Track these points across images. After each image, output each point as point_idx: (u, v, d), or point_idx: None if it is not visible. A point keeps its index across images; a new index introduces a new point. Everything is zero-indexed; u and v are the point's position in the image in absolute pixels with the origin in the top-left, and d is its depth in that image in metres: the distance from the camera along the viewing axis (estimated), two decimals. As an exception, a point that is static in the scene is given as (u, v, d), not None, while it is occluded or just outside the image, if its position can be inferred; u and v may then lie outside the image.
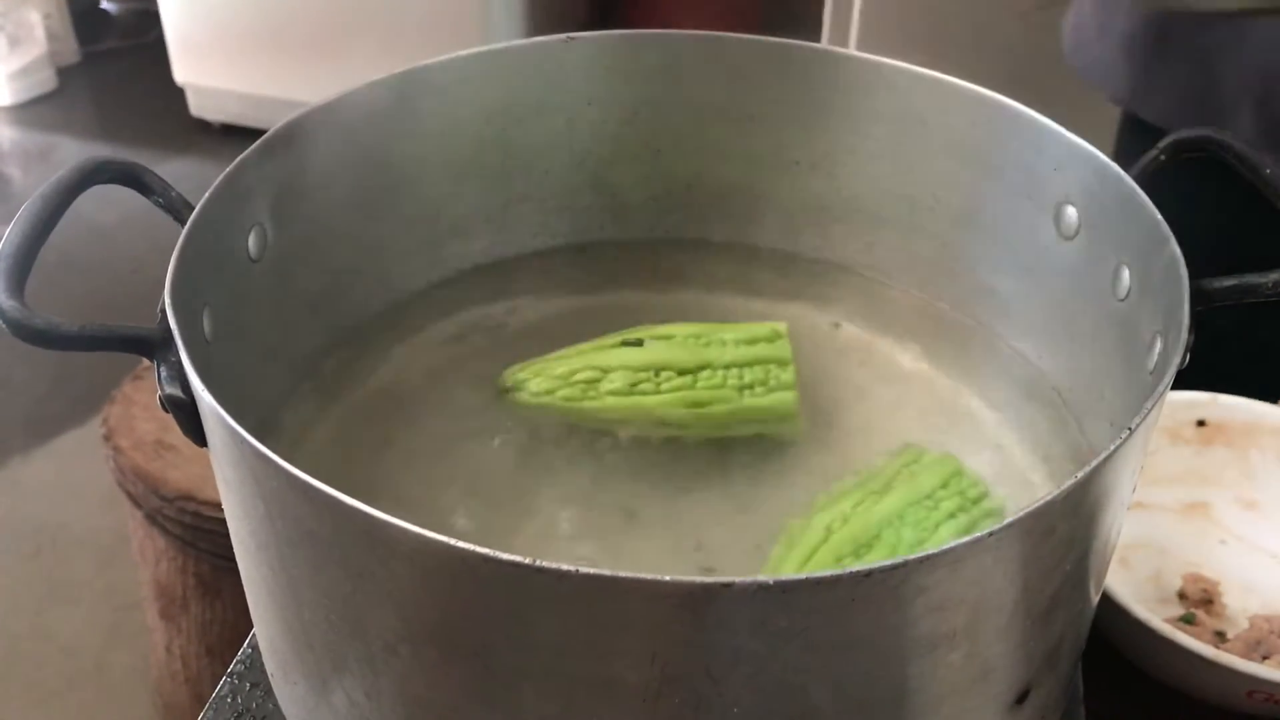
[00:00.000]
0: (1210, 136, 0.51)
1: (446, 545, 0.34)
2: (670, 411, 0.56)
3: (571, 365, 0.57)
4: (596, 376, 0.57)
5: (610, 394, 0.56)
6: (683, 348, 0.57)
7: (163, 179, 0.51)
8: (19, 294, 0.42)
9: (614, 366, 0.57)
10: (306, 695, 0.46)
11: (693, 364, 0.57)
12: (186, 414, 0.43)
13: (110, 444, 1.20)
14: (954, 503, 0.52)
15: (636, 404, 0.56)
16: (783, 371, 0.57)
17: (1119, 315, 0.53)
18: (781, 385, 0.57)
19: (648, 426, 0.57)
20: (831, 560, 0.50)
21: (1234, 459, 0.72)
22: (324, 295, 0.61)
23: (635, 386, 0.56)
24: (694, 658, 0.36)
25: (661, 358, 0.57)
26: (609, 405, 0.56)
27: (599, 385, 0.57)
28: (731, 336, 0.58)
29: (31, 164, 2.59)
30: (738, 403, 0.56)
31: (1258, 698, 0.58)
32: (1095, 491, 0.39)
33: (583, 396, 0.57)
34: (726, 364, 0.57)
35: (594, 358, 0.57)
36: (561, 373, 0.57)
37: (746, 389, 0.57)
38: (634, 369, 0.57)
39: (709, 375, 0.57)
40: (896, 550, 0.50)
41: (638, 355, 0.57)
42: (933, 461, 0.55)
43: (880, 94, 0.62)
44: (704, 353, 0.57)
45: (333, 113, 0.57)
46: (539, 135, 0.65)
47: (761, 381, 0.57)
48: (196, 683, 1.30)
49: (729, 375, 0.57)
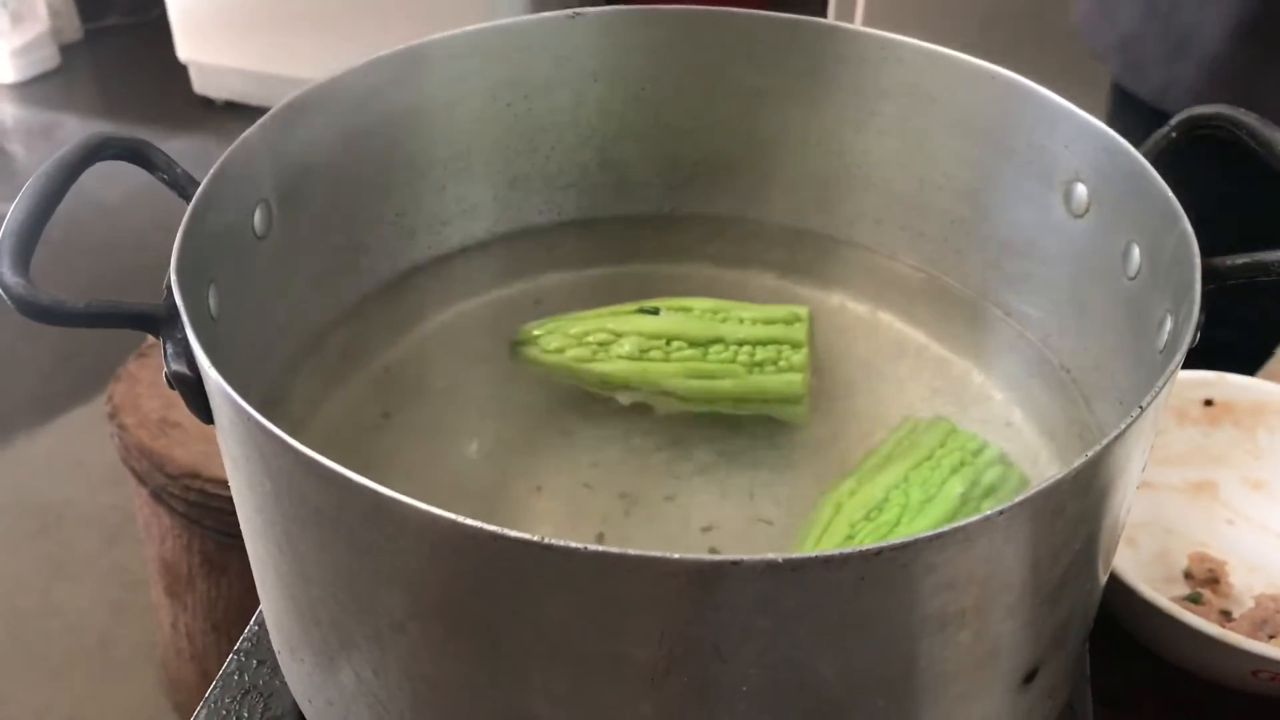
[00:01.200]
0: (1223, 113, 0.51)
1: (454, 522, 0.34)
2: (676, 381, 0.56)
3: (586, 326, 0.58)
4: (609, 339, 0.57)
5: (620, 357, 0.57)
6: (698, 320, 0.57)
7: (167, 155, 0.51)
8: (24, 271, 0.42)
9: (627, 332, 0.57)
10: (314, 672, 0.46)
11: (705, 337, 0.57)
12: (192, 391, 0.43)
13: (115, 421, 1.20)
14: (955, 458, 0.53)
15: (644, 370, 0.57)
16: (795, 353, 0.57)
17: (1129, 293, 0.53)
18: (791, 367, 0.57)
19: (653, 394, 0.57)
20: (845, 528, 0.50)
21: (1241, 438, 0.72)
22: (329, 272, 0.60)
23: (645, 353, 0.57)
24: (702, 636, 0.36)
25: (675, 328, 0.57)
26: (617, 368, 0.57)
27: (610, 348, 0.57)
28: (750, 315, 0.58)
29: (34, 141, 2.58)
30: (744, 379, 0.56)
31: (1263, 676, 0.58)
32: (1105, 471, 0.39)
33: (592, 358, 0.57)
34: (739, 340, 0.57)
35: (609, 322, 0.58)
36: (575, 333, 0.58)
37: (756, 367, 0.57)
38: (646, 336, 0.57)
39: (720, 350, 0.57)
40: (906, 510, 0.50)
41: (652, 323, 0.57)
42: (927, 426, 0.55)
43: (889, 70, 0.61)
44: (718, 327, 0.57)
45: (337, 89, 0.57)
46: (545, 111, 0.65)
47: (772, 361, 0.57)
48: (202, 659, 1.30)
49: (740, 352, 0.57)
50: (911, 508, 0.50)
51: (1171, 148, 0.53)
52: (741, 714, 0.38)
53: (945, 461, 0.52)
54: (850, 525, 0.50)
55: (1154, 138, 0.53)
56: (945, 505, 0.50)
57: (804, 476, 0.56)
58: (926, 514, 0.50)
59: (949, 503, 0.50)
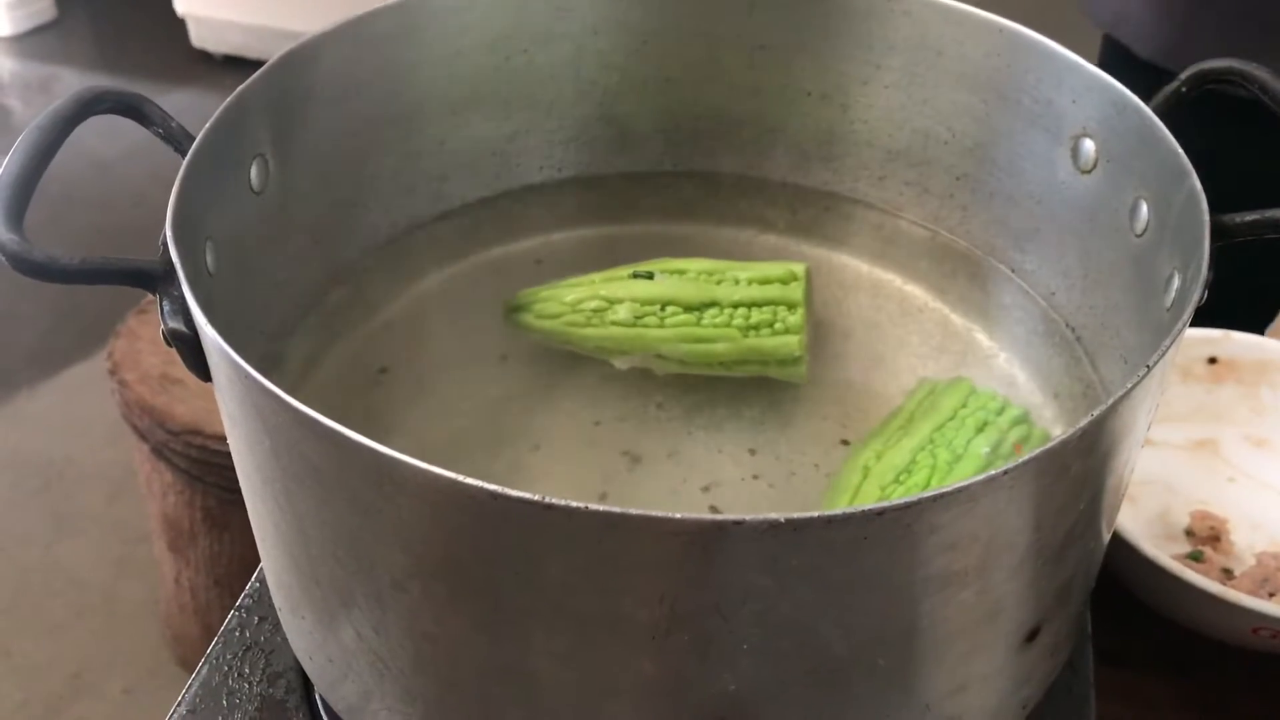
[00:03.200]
0: (1234, 67, 0.50)
1: (454, 481, 0.34)
2: (671, 346, 0.56)
3: (580, 293, 0.57)
4: (603, 306, 0.57)
5: (614, 323, 0.56)
6: (693, 284, 0.57)
7: (163, 110, 0.50)
8: (18, 227, 0.42)
9: (621, 298, 0.57)
10: (314, 630, 0.45)
11: (699, 300, 0.56)
12: (190, 348, 0.42)
13: (116, 378, 1.19)
14: (978, 418, 0.52)
15: (639, 335, 0.56)
16: (790, 314, 0.56)
17: (1136, 250, 0.52)
18: (788, 329, 0.56)
19: (649, 359, 0.57)
20: (876, 492, 0.50)
21: (1244, 396, 0.72)
22: (327, 228, 0.60)
23: (640, 319, 0.56)
24: (704, 596, 0.36)
25: (669, 292, 0.56)
26: (611, 334, 0.56)
27: (604, 315, 0.57)
28: (746, 275, 0.57)
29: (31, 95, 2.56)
30: (740, 342, 0.56)
31: (1264, 634, 0.58)
32: (1110, 430, 0.39)
33: (586, 324, 0.57)
34: (734, 303, 0.56)
35: (603, 288, 0.57)
36: (570, 299, 0.57)
37: (751, 329, 0.56)
38: (641, 301, 0.56)
39: (715, 313, 0.56)
40: (934, 470, 0.50)
41: (646, 288, 0.56)
42: (946, 387, 0.54)
43: (895, 23, 0.61)
44: (713, 290, 0.57)
45: (334, 41, 0.56)
46: (545, 65, 0.64)
47: (768, 323, 0.56)
48: (205, 614, 1.31)
49: (735, 315, 0.56)
50: (940, 469, 0.50)
51: (1181, 102, 0.52)
52: (743, 673, 0.38)
53: (969, 421, 0.52)
54: (881, 489, 0.50)
55: (1163, 92, 0.52)
56: (973, 464, 0.50)
57: (805, 434, 0.56)
58: (956, 474, 0.50)
59: (976, 461, 0.50)
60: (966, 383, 0.54)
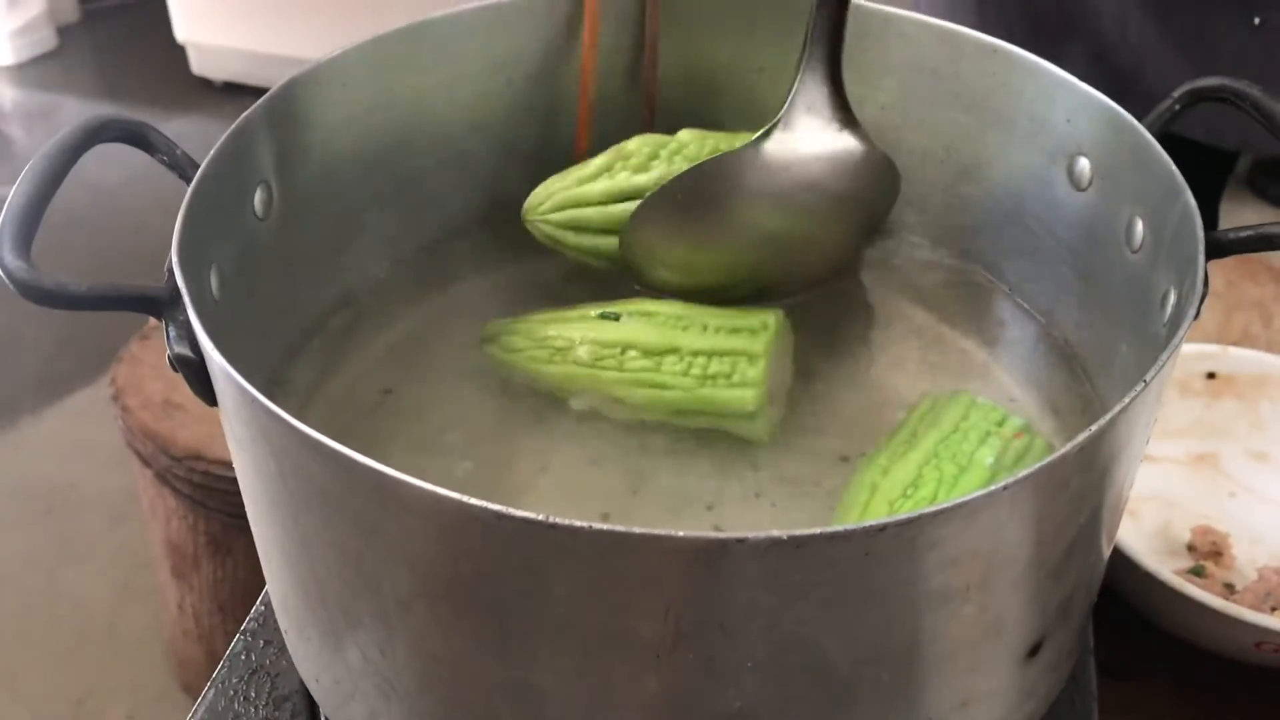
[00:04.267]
0: (1226, 84, 0.51)
1: (459, 502, 0.34)
2: (626, 390, 0.55)
3: (549, 330, 0.57)
4: (566, 345, 0.56)
5: (574, 363, 0.56)
6: (656, 329, 0.56)
7: (167, 137, 0.50)
8: (26, 254, 0.42)
9: (585, 339, 0.56)
10: (320, 652, 0.46)
11: (660, 346, 0.55)
12: (195, 373, 0.43)
13: (119, 403, 1.20)
14: (980, 429, 0.52)
15: (594, 377, 0.55)
16: (750, 367, 0.54)
17: (1132, 267, 0.53)
18: (745, 382, 0.54)
19: (605, 402, 0.56)
20: (885, 508, 0.49)
21: (1244, 411, 0.72)
22: (330, 252, 0.60)
23: (598, 360, 0.55)
24: (708, 612, 0.36)
25: (631, 336, 0.56)
26: (569, 373, 0.56)
27: (565, 353, 0.56)
28: (715, 323, 0.56)
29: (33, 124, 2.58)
30: (694, 392, 0.54)
31: (1267, 649, 0.58)
32: (1109, 445, 0.39)
33: (548, 360, 0.56)
34: (695, 351, 0.55)
35: (571, 327, 0.57)
36: (537, 335, 0.57)
37: (709, 380, 0.54)
38: (602, 344, 0.56)
39: (674, 360, 0.55)
40: (940, 483, 0.50)
41: (609, 330, 0.56)
42: (948, 401, 0.55)
43: (890, 44, 0.61)
44: (676, 336, 0.55)
45: (337, 69, 0.57)
46: (545, 89, 0.64)
47: (725, 375, 0.54)
48: (208, 640, 1.31)
49: (694, 363, 0.55)
50: (946, 481, 0.50)
51: (1175, 120, 0.53)
52: (748, 689, 0.38)
53: (972, 434, 0.52)
54: (889, 504, 0.50)
55: (1157, 110, 0.53)
56: (979, 475, 0.50)
57: (806, 452, 0.56)
58: (962, 486, 0.50)
59: (982, 472, 0.50)
60: (967, 395, 0.55)
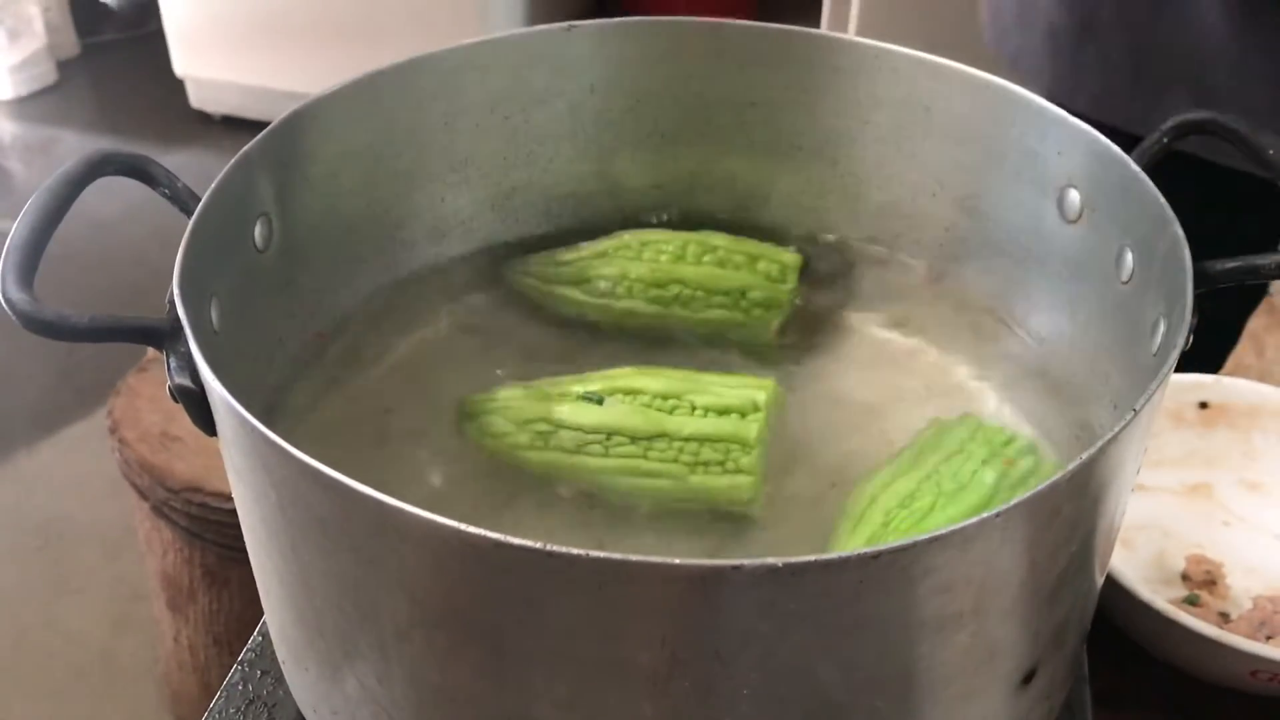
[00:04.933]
0: (1214, 119, 0.51)
1: (457, 530, 0.34)
2: (611, 479, 0.53)
3: (530, 412, 0.55)
4: (549, 430, 0.54)
5: (558, 449, 0.53)
6: (643, 412, 0.53)
7: (169, 171, 0.51)
8: (29, 286, 0.43)
9: (566, 424, 0.53)
10: (318, 682, 0.46)
11: (648, 431, 0.53)
12: (196, 403, 0.43)
13: (115, 436, 1.20)
14: (985, 450, 0.52)
15: (579, 464, 0.53)
16: (744, 455, 0.53)
17: (1122, 298, 0.53)
18: (740, 469, 0.53)
19: (592, 489, 0.54)
20: (880, 515, 0.50)
21: (1237, 440, 0.72)
22: (328, 283, 0.61)
23: (582, 448, 0.53)
24: (703, 640, 0.36)
25: (616, 421, 0.53)
26: (554, 460, 0.54)
27: (549, 439, 0.54)
28: (705, 400, 0.54)
29: (33, 157, 2.59)
30: (685, 481, 0.52)
31: (1262, 677, 0.59)
32: (1100, 473, 0.40)
33: (530, 446, 0.54)
34: (685, 437, 0.53)
35: (553, 408, 0.54)
36: (518, 418, 0.54)
37: (701, 466, 0.52)
38: (585, 430, 0.53)
39: (663, 446, 0.53)
40: (940, 496, 0.50)
41: (592, 414, 0.53)
42: (953, 423, 0.55)
43: (882, 79, 0.62)
44: (663, 421, 0.53)
45: (336, 103, 0.57)
46: (542, 123, 0.65)
47: (718, 462, 0.52)
48: (204, 672, 1.30)
49: (684, 450, 0.53)
50: (945, 495, 0.50)
51: (1164, 153, 0.54)
52: (743, 717, 0.38)
53: (976, 453, 0.52)
54: (885, 513, 0.50)
55: (1145, 143, 0.54)
56: (978, 493, 0.50)
57: (800, 480, 0.56)
58: (960, 501, 0.50)
59: (982, 490, 0.50)
60: (974, 418, 0.55)
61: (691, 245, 0.62)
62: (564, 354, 0.62)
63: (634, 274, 0.62)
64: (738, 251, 0.62)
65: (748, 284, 0.62)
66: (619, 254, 0.63)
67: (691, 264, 0.62)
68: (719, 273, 0.62)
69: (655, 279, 0.62)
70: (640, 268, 0.62)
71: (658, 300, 0.62)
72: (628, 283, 0.62)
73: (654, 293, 0.62)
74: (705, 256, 0.62)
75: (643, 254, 0.62)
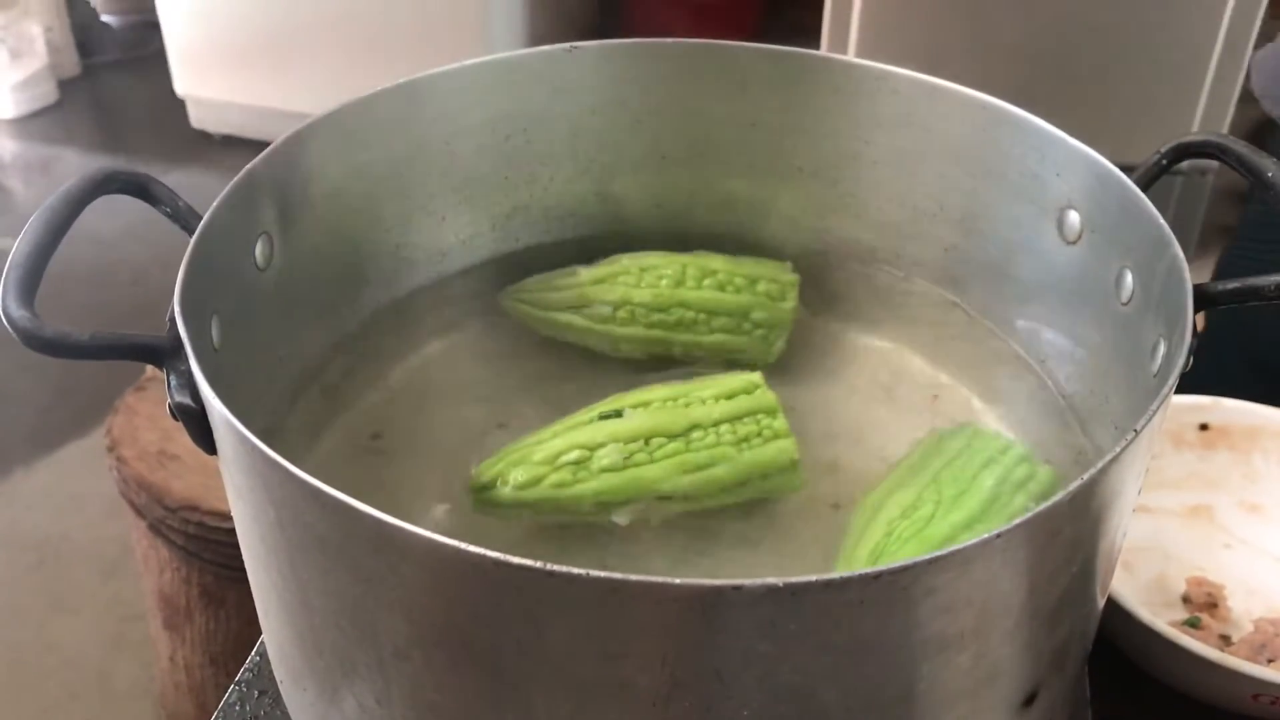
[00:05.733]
0: (1211, 140, 0.52)
1: (457, 549, 0.34)
2: (671, 481, 0.52)
3: (553, 447, 0.52)
4: (584, 456, 0.51)
5: (605, 470, 0.51)
6: (667, 412, 0.53)
7: (170, 189, 0.51)
8: (29, 304, 0.43)
9: (601, 441, 0.52)
10: (316, 702, 0.46)
11: (682, 426, 0.53)
12: (196, 421, 0.43)
13: (113, 454, 1.20)
14: (983, 456, 0.52)
15: (635, 478, 0.51)
16: (773, 420, 0.54)
17: (1122, 319, 0.53)
18: (777, 434, 0.53)
19: (650, 504, 0.52)
20: (883, 526, 0.50)
21: (1237, 462, 0.72)
22: (328, 301, 0.61)
23: (630, 459, 0.51)
24: (704, 660, 0.36)
25: (648, 425, 0.52)
26: (606, 485, 0.51)
27: (589, 465, 0.51)
28: (710, 393, 0.54)
29: (33, 176, 2.59)
30: (738, 459, 0.52)
31: (1263, 700, 0.58)
32: (1101, 494, 0.40)
33: (574, 480, 0.51)
34: (715, 421, 0.53)
35: (576, 435, 0.52)
36: (543, 457, 0.51)
37: (744, 442, 0.53)
38: (624, 440, 0.52)
39: (701, 435, 0.53)
40: (939, 504, 0.50)
41: (624, 426, 0.52)
42: (951, 432, 0.55)
43: (882, 100, 0.62)
44: (689, 414, 0.53)
45: (338, 122, 0.58)
46: (543, 143, 0.65)
47: (756, 433, 0.53)
48: (200, 693, 1.29)
49: (722, 433, 0.53)
50: (945, 502, 0.50)
51: (1162, 175, 0.54)
52: (743, 738, 0.38)
53: (975, 459, 0.52)
54: (888, 524, 0.50)
55: (1144, 164, 0.54)
56: (978, 497, 0.50)
57: (800, 499, 0.56)
58: (960, 506, 0.50)
59: (981, 494, 0.50)
60: (971, 426, 0.55)
61: (691, 268, 0.62)
62: (563, 377, 0.62)
63: (636, 299, 0.61)
64: (737, 274, 0.62)
65: (749, 305, 0.62)
66: (619, 280, 0.62)
67: (692, 288, 0.62)
68: (720, 296, 0.62)
69: (658, 304, 0.61)
70: (642, 293, 0.61)
71: (660, 325, 0.62)
72: (630, 308, 0.62)
73: (656, 317, 0.62)
74: (705, 280, 0.62)
75: (643, 279, 0.62)
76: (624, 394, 0.55)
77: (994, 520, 0.50)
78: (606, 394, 0.56)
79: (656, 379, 0.60)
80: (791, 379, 0.62)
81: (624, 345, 0.62)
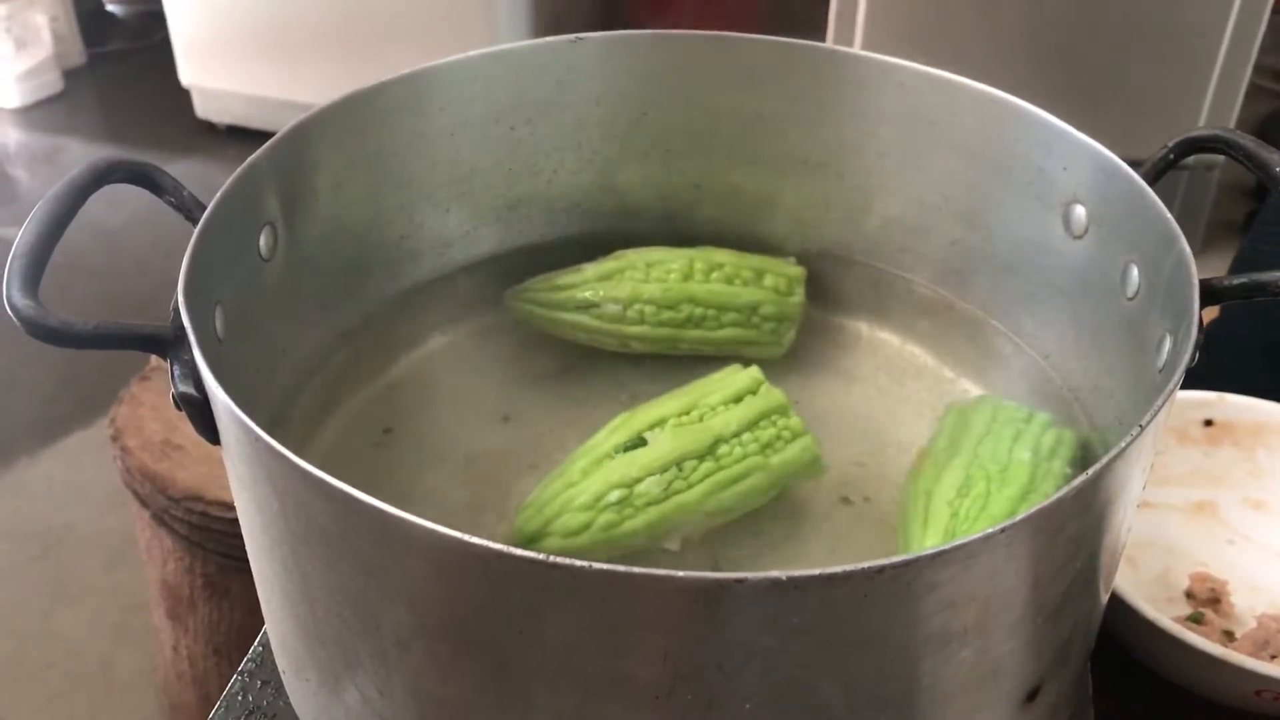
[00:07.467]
0: (1219, 134, 0.51)
1: (460, 541, 0.34)
2: (713, 500, 0.52)
3: (592, 490, 0.52)
4: (625, 494, 0.51)
5: (649, 504, 0.51)
6: (688, 432, 0.53)
7: (175, 179, 0.51)
8: (33, 293, 0.43)
9: (637, 476, 0.52)
10: (319, 692, 0.46)
11: (706, 443, 0.53)
12: (199, 412, 0.43)
13: (118, 444, 1.20)
14: (1011, 429, 0.53)
15: (679, 505, 0.52)
16: (788, 419, 0.54)
17: (1128, 313, 0.53)
18: (795, 433, 0.54)
19: (696, 525, 0.53)
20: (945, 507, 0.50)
21: (1241, 459, 0.72)
22: (332, 293, 0.61)
23: (669, 488, 0.52)
24: (706, 654, 0.36)
25: (675, 450, 0.52)
26: (653, 517, 0.51)
27: (632, 501, 0.52)
28: (717, 399, 0.54)
29: (38, 166, 2.59)
30: (769, 466, 0.53)
31: (1266, 696, 0.58)
32: (1105, 489, 0.40)
33: (621, 519, 0.51)
34: (735, 431, 0.53)
35: (610, 474, 0.52)
36: (585, 502, 0.51)
37: (768, 448, 0.53)
38: (659, 470, 0.52)
39: (728, 450, 0.53)
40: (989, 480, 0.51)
41: (653, 455, 0.52)
42: (973, 406, 0.56)
43: (888, 93, 0.62)
44: (709, 428, 0.53)
45: (342, 113, 0.57)
46: (547, 135, 0.65)
47: (777, 436, 0.54)
48: (203, 682, 1.30)
49: (746, 442, 0.53)
50: (994, 478, 0.51)
51: (1169, 169, 0.54)
52: (746, 732, 0.38)
53: (1004, 433, 0.53)
54: (949, 504, 0.50)
55: (1150, 159, 0.54)
56: (1022, 471, 0.51)
57: (806, 493, 0.56)
58: (1010, 481, 0.51)
59: (1024, 468, 0.51)
60: (991, 398, 0.56)
61: (698, 262, 0.62)
62: (566, 369, 0.62)
63: (645, 295, 0.61)
64: (744, 267, 0.62)
65: (758, 299, 0.61)
66: (626, 275, 0.62)
67: (700, 282, 0.62)
68: (728, 289, 0.61)
69: (667, 300, 0.61)
70: (651, 288, 0.61)
71: (670, 322, 0.61)
72: (639, 305, 0.61)
73: (666, 315, 0.61)
74: (713, 274, 0.62)
75: (650, 274, 0.62)
76: (631, 412, 0.55)
77: (1043, 489, 0.51)
78: (610, 386, 0.56)
79: (659, 368, 0.60)
80: (796, 372, 0.62)
81: (634, 343, 0.62)
